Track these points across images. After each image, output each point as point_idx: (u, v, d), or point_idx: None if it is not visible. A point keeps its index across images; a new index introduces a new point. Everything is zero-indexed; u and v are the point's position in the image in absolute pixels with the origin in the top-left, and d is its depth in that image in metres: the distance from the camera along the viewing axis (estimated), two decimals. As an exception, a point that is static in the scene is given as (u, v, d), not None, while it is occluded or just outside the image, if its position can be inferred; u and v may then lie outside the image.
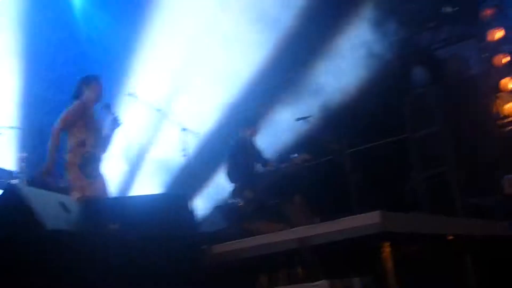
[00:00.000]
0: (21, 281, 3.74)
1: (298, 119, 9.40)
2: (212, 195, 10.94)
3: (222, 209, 6.80)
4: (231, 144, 9.69)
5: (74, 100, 7.15)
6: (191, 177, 7.85)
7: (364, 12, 9.72)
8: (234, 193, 9.39)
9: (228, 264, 4.77)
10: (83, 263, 4.13)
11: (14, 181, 9.36)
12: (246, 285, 4.58)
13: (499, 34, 9.02)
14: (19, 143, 10.29)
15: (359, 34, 9.74)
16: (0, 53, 10.55)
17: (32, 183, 9.58)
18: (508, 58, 8.92)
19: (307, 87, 10.55)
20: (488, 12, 9.16)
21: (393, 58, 9.61)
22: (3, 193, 4.82)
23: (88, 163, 7.11)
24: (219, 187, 11.36)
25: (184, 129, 7.94)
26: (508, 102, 8.77)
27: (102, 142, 7.25)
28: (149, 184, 10.78)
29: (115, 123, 7.21)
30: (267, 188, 9.45)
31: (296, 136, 10.16)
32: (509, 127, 8.74)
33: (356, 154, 9.30)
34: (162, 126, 9.33)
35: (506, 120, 8.77)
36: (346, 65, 10.02)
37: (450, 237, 5.01)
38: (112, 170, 7.87)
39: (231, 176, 9.53)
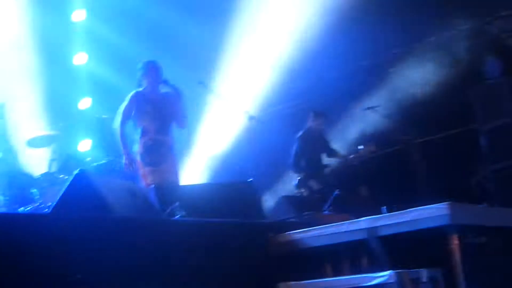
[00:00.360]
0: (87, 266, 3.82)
1: (368, 109, 9.39)
2: (278, 184, 11.01)
3: (288, 199, 6.83)
4: (298, 134, 9.73)
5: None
6: (256, 166, 7.88)
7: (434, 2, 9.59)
8: (300, 183, 9.43)
9: (293, 253, 4.80)
10: (149, 250, 4.19)
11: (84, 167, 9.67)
12: (310, 274, 4.60)
13: None
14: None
15: (429, 24, 9.62)
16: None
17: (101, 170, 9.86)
18: None
19: (377, 77, 10.50)
20: None
21: (464, 48, 9.45)
22: (73, 178, 4.95)
23: (148, 151, 7.21)
24: (285, 176, 11.43)
25: (251, 118, 7.99)
26: None
27: (168, 123, 7.32)
28: (215, 173, 10.93)
29: (178, 94, 7.27)
30: (333, 178, 9.46)
31: (364, 127, 10.12)
32: None
33: (424, 145, 9.20)
34: (230, 115, 9.38)
35: None
36: (415, 56, 9.92)
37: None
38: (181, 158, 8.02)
39: (298, 166, 9.57)
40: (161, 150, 7.09)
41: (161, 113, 7.24)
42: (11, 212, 7.98)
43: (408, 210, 4.35)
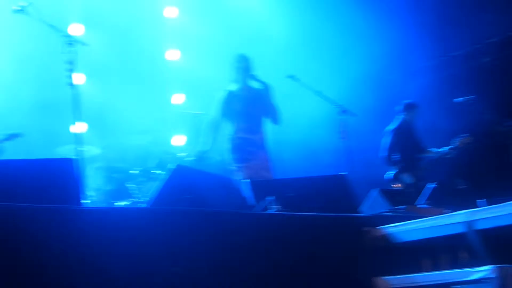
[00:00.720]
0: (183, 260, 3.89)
1: (460, 100, 9.15)
2: (370, 177, 10.89)
3: (382, 192, 6.74)
4: (391, 127, 9.61)
5: None
6: (348, 159, 7.82)
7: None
8: (395, 177, 9.31)
9: (389, 247, 4.74)
10: (244, 244, 4.23)
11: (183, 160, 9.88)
12: (406, 269, 4.53)
13: None
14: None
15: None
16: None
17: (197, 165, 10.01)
18: None
19: (472, 67, 10.25)
20: None
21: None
22: (170, 172, 5.06)
23: (237, 149, 7.34)
24: (376, 169, 11.30)
25: (343, 111, 7.93)
26: None
27: (259, 120, 7.41)
28: (307, 166, 10.91)
29: (267, 89, 7.34)
30: (429, 171, 9.29)
31: (458, 118, 9.89)
32: None
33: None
34: (320, 108, 9.35)
35: None
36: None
37: None
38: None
39: (392, 159, 9.45)
40: (250, 148, 7.19)
41: (251, 111, 7.37)
42: (108, 206, 8.26)
43: (507, 203, 4.21)
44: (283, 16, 11.53)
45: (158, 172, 9.51)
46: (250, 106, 7.46)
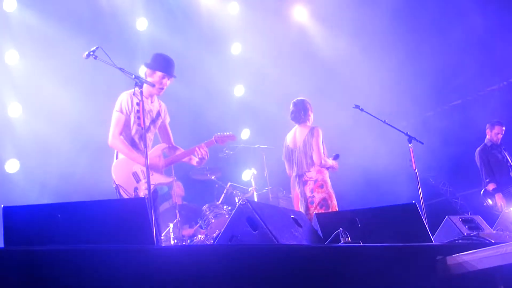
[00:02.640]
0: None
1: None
2: (441, 205, 10.74)
3: (454, 219, 6.64)
4: (478, 148, 9.63)
5: None
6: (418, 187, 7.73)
7: None
8: (486, 196, 9.32)
9: (463, 275, 4.65)
10: (314, 277, 4.22)
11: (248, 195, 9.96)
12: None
13: None
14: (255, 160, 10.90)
15: None
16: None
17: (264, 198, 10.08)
18: None
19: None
20: None
21: None
22: (237, 209, 5.12)
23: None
24: (447, 196, 11.11)
25: (411, 139, 7.88)
26: None
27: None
28: (375, 196, 10.84)
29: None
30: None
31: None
32: None
33: None
34: (388, 137, 9.32)
35: None
36: None
37: None
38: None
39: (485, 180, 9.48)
40: None
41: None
42: (179, 245, 8.35)
43: None
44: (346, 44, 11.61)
45: (225, 207, 9.63)
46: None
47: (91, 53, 6.01)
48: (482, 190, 9.71)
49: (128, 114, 6.40)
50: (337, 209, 7.73)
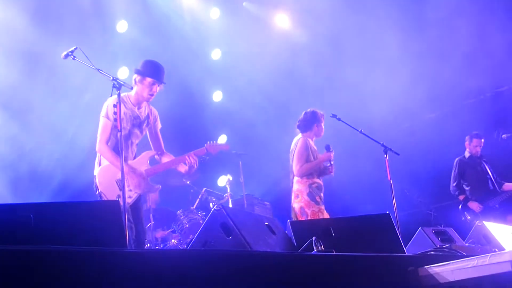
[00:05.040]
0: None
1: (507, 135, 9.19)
2: (415, 216, 10.78)
3: (427, 230, 6.69)
4: (457, 158, 9.76)
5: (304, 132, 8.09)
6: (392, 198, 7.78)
7: None
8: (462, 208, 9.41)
9: (435, 287, 4.68)
10: (286, 285, 4.22)
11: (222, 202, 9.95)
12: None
13: None
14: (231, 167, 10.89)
15: None
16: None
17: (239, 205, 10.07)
18: None
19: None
20: None
21: None
22: (211, 214, 5.11)
23: (313, 192, 7.58)
24: (421, 207, 11.17)
25: (387, 150, 7.92)
26: None
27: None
28: (351, 205, 10.88)
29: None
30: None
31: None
32: None
33: None
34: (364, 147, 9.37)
35: None
36: None
37: None
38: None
39: (458, 191, 9.58)
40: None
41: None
42: (151, 250, 8.31)
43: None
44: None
45: (200, 213, 9.61)
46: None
47: (70, 53, 5.99)
48: (460, 205, 9.77)
49: (114, 119, 6.37)
50: (324, 214, 7.76)
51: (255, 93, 11.85)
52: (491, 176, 9.71)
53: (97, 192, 6.31)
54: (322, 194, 7.93)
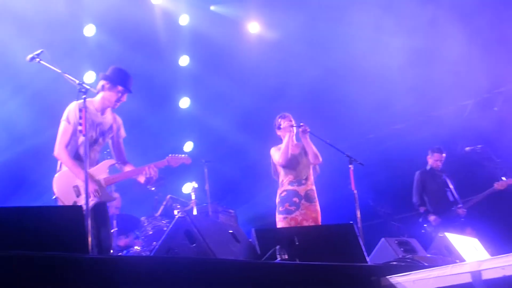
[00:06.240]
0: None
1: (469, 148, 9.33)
2: (378, 226, 10.85)
3: (390, 241, 6.74)
4: (418, 171, 9.85)
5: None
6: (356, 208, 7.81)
7: None
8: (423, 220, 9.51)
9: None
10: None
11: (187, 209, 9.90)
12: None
13: None
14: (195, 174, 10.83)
15: None
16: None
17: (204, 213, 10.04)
18: None
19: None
20: None
21: None
22: (175, 222, 5.09)
23: (282, 201, 7.56)
24: (385, 218, 11.24)
25: (351, 160, 7.95)
26: None
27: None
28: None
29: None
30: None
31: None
32: None
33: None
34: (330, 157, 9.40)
35: None
36: None
37: None
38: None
39: (419, 203, 9.71)
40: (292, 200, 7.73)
41: (296, 167, 7.94)
42: (113, 256, 8.23)
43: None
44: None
45: (163, 221, 9.55)
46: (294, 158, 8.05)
47: (35, 56, 5.91)
48: (421, 219, 9.86)
49: (75, 124, 6.28)
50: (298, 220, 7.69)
51: (222, 100, 11.83)
52: (451, 188, 9.82)
53: (54, 197, 6.23)
54: (295, 199, 7.72)
